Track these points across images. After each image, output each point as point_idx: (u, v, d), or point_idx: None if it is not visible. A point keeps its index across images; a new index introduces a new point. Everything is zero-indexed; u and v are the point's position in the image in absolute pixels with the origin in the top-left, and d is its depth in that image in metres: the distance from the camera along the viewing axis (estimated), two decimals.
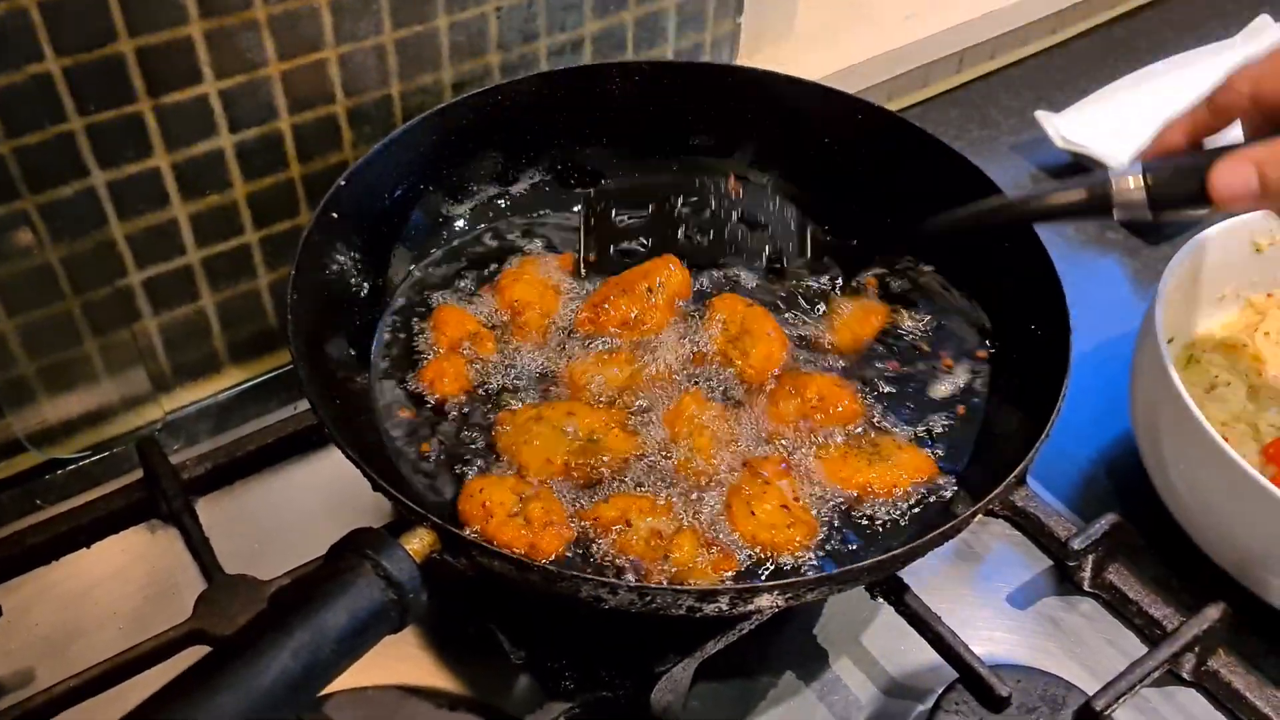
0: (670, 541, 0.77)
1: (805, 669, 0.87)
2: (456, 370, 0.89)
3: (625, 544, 0.77)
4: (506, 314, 0.94)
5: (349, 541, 0.65)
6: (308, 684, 0.61)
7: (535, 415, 0.85)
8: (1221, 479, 0.85)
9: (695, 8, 1.15)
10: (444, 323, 0.92)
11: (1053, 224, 0.89)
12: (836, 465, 0.84)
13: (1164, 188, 0.77)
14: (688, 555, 0.76)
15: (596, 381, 0.88)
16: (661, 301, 0.94)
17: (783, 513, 0.80)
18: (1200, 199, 0.75)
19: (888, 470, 0.83)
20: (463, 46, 1.01)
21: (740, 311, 0.93)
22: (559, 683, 0.79)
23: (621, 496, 0.80)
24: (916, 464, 0.84)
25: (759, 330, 0.92)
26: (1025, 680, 0.81)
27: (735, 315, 0.93)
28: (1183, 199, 0.77)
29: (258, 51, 0.89)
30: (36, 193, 0.85)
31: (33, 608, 0.88)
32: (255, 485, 0.97)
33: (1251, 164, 0.72)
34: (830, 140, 1.05)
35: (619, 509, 0.79)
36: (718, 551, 0.77)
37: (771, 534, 0.78)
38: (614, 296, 0.94)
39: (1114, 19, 1.62)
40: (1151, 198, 0.77)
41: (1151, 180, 0.77)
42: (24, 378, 0.92)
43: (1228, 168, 0.73)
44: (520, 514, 0.77)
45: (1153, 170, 0.77)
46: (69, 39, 0.81)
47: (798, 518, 0.80)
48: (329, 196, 0.88)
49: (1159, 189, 0.77)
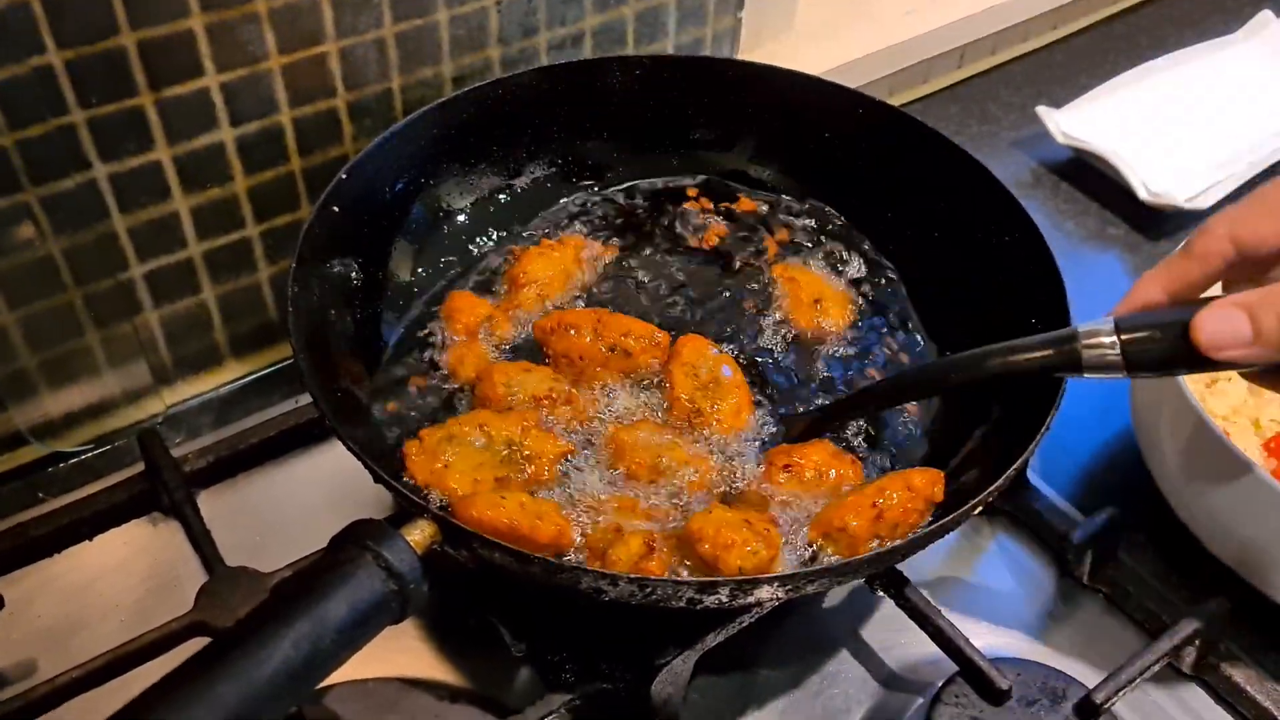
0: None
1: (805, 662, 0.87)
2: (478, 354, 0.89)
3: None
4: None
5: (350, 532, 0.65)
6: (308, 674, 0.61)
7: (445, 435, 0.81)
8: (1222, 473, 0.85)
9: (696, 2, 1.15)
10: (458, 310, 0.92)
11: (1015, 378, 0.78)
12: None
13: (1142, 347, 0.69)
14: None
15: (514, 390, 0.85)
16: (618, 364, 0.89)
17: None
18: (1185, 359, 0.67)
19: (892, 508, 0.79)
20: (463, 40, 1.01)
21: (708, 358, 0.89)
22: (559, 675, 0.79)
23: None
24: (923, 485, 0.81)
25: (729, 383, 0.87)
26: (1025, 673, 0.81)
27: (704, 360, 0.89)
28: (1164, 359, 0.69)
29: (259, 45, 0.89)
30: (38, 185, 0.85)
31: (35, 599, 0.88)
32: (257, 478, 0.97)
33: (1242, 310, 0.65)
34: (831, 135, 1.05)
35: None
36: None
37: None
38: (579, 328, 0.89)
39: (1115, 15, 1.61)
40: (1128, 359, 0.69)
41: (1126, 339, 0.69)
42: (26, 370, 0.92)
43: (1214, 315, 0.65)
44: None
45: (1128, 328, 0.70)
46: (71, 32, 0.81)
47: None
48: (329, 190, 0.88)
49: (1136, 350, 0.69)
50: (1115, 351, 0.69)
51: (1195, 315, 0.66)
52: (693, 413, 0.86)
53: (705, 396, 0.86)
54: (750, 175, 1.08)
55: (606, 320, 0.90)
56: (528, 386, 0.85)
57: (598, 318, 0.90)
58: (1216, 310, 0.65)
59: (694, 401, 0.86)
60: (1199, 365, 0.67)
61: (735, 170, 1.09)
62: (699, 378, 0.88)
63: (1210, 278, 0.71)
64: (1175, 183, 1.27)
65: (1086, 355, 0.70)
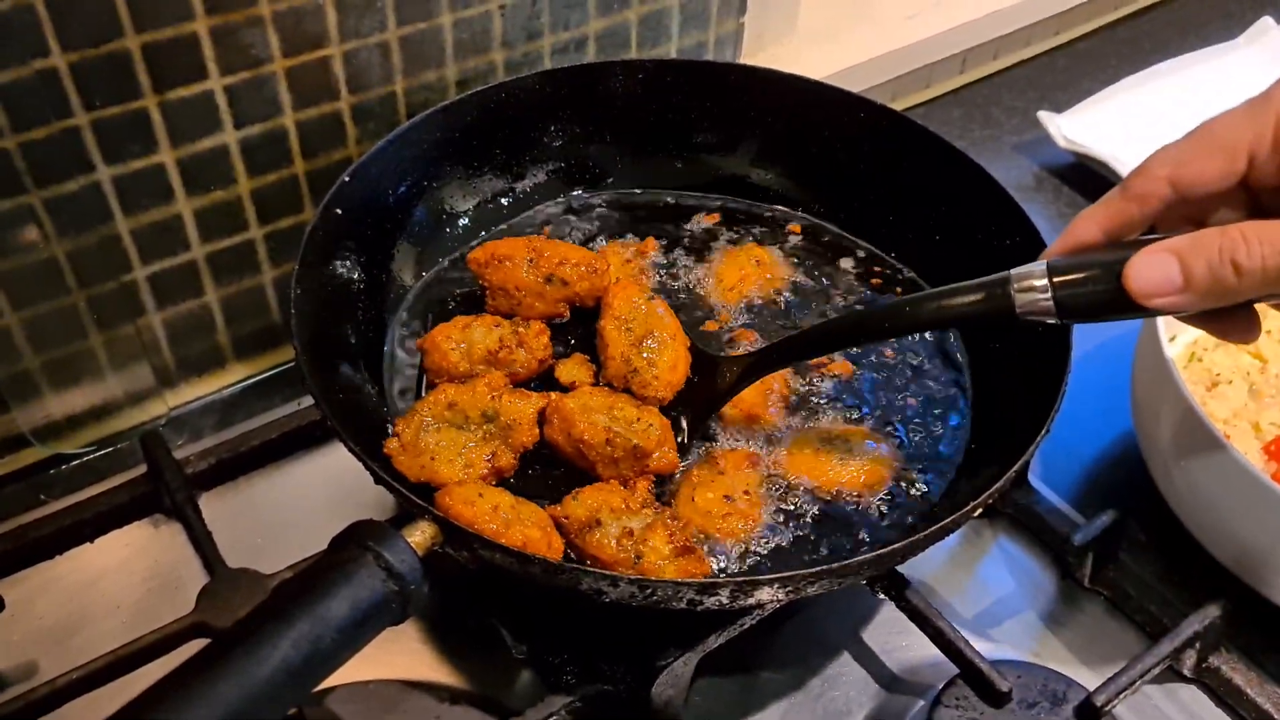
0: (641, 541, 0.76)
1: (807, 664, 0.87)
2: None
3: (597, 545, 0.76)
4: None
5: (351, 533, 0.66)
6: (308, 674, 0.61)
7: (418, 423, 0.81)
8: (1223, 476, 0.85)
9: (698, 6, 1.15)
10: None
11: (949, 328, 0.80)
12: (808, 461, 0.84)
13: (1074, 291, 0.67)
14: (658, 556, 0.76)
15: (465, 351, 0.84)
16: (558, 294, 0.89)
17: (723, 502, 0.81)
18: (1117, 303, 0.65)
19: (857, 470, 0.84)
20: (467, 44, 1.01)
21: (641, 308, 0.88)
22: (560, 677, 0.79)
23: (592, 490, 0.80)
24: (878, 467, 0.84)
25: (663, 332, 0.86)
26: (1026, 676, 0.81)
27: (636, 313, 0.87)
28: (1097, 304, 0.67)
29: (262, 48, 0.90)
30: (42, 187, 0.85)
31: (37, 600, 0.88)
32: (258, 480, 0.97)
33: (1172, 255, 0.63)
34: (833, 139, 1.05)
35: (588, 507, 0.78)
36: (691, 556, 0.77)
37: (706, 520, 0.80)
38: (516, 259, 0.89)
39: (1117, 20, 1.62)
40: (1060, 305, 0.67)
41: (1059, 282, 0.67)
42: (29, 372, 0.92)
43: (1146, 261, 0.64)
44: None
45: (1060, 270, 0.67)
46: (75, 34, 0.81)
47: (737, 509, 0.81)
48: (333, 193, 0.88)
49: (1068, 295, 0.67)
50: (1047, 296, 0.67)
51: (1128, 262, 0.64)
52: (629, 372, 0.85)
53: (639, 354, 0.85)
54: (752, 179, 1.09)
55: (541, 248, 0.88)
56: (475, 342, 0.85)
57: (531, 245, 0.88)
58: (1148, 257, 0.64)
59: (629, 361, 0.85)
60: (1132, 311, 0.65)
61: (737, 174, 1.09)
62: (632, 332, 0.86)
63: (1148, 218, 0.69)
64: None
65: (1019, 300, 0.69)
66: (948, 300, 0.74)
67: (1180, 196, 0.67)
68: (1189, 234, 0.63)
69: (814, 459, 0.85)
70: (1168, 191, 0.67)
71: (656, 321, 0.87)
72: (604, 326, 0.87)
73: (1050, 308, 0.68)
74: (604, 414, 0.81)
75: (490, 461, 0.81)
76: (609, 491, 0.80)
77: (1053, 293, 0.67)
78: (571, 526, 0.78)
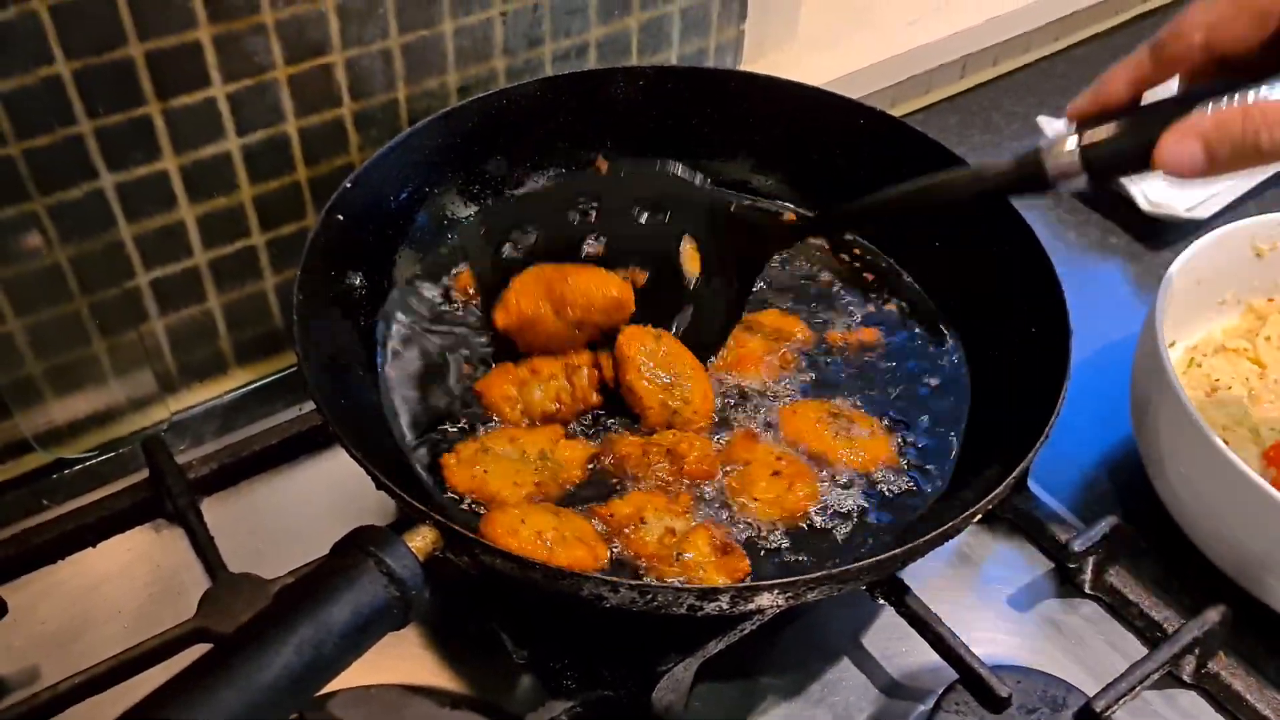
0: (684, 540, 0.79)
1: (807, 669, 0.87)
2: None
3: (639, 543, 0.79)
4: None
5: (352, 538, 0.66)
6: (310, 679, 0.61)
7: (479, 448, 0.84)
8: (1222, 482, 0.85)
9: (699, 14, 1.16)
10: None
11: (990, 199, 0.85)
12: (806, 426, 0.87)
13: (1103, 153, 0.72)
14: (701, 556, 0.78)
15: (516, 409, 0.88)
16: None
17: (775, 480, 0.83)
18: (1141, 164, 0.71)
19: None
20: (468, 51, 1.01)
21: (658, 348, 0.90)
22: (561, 682, 0.79)
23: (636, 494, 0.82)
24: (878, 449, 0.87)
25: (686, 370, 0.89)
26: (1025, 681, 0.81)
27: (653, 358, 0.89)
28: (1123, 164, 0.73)
29: (265, 55, 0.90)
30: (46, 194, 0.86)
31: (39, 605, 0.88)
32: (260, 485, 0.97)
33: (1199, 139, 0.68)
34: (833, 145, 1.05)
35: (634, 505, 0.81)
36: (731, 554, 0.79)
37: (781, 505, 0.82)
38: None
39: (1116, 26, 1.62)
40: (1088, 163, 0.73)
41: (1087, 142, 0.72)
42: (32, 378, 0.93)
43: (1175, 145, 0.69)
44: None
45: (1089, 131, 0.73)
46: (79, 42, 0.82)
47: (790, 473, 0.83)
48: (335, 199, 0.89)
49: (1097, 154, 0.72)
50: (1075, 159, 0.73)
51: (1157, 144, 0.69)
52: (670, 416, 0.87)
53: (673, 397, 0.88)
54: (753, 185, 1.09)
55: (559, 289, 0.89)
56: (534, 404, 0.88)
57: (549, 289, 0.89)
58: (1177, 142, 0.68)
59: (667, 406, 0.87)
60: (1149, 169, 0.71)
61: (738, 179, 1.09)
62: (659, 379, 0.88)
63: (1177, 76, 0.74)
64: (1175, 193, 1.28)
65: (1051, 163, 0.74)
66: (985, 171, 0.81)
67: (1210, 58, 0.72)
68: (1213, 116, 0.68)
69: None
70: (1200, 55, 0.72)
71: (675, 359, 0.89)
72: (631, 381, 0.88)
73: (1078, 167, 0.73)
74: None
75: (538, 487, 0.83)
76: (654, 495, 0.82)
77: (1082, 154, 0.72)
78: (616, 524, 0.79)
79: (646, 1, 1.10)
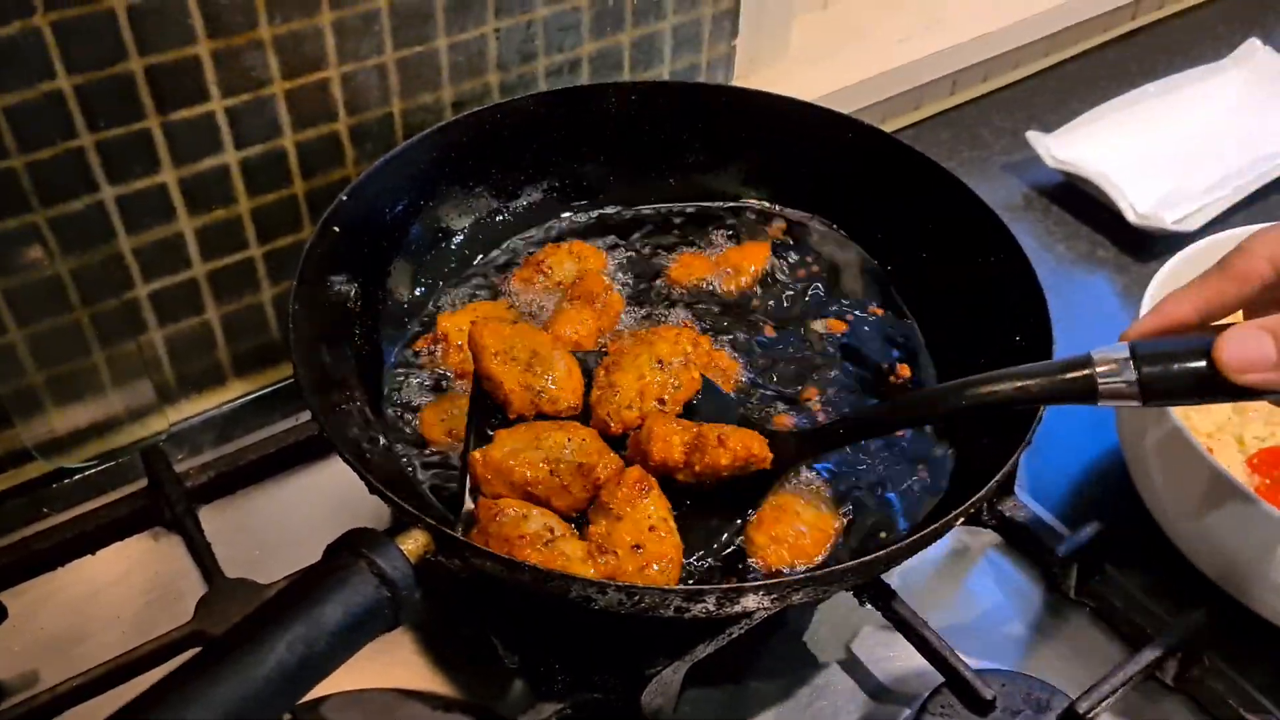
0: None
1: (795, 674, 0.88)
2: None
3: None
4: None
5: (345, 540, 0.67)
6: (302, 678, 0.62)
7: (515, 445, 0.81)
8: (1206, 489, 0.86)
9: (691, 30, 1.17)
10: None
11: (1027, 407, 0.77)
12: None
13: (1160, 371, 0.66)
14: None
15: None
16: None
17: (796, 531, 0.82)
18: (1206, 384, 0.64)
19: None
20: (462, 66, 1.03)
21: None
22: (551, 685, 0.80)
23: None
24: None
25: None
26: (1010, 684, 0.82)
27: (509, 342, 0.86)
28: (1184, 385, 0.65)
29: (263, 70, 0.92)
30: (47, 206, 0.87)
31: (38, 611, 0.90)
32: (257, 494, 0.98)
33: (1267, 332, 0.63)
34: (823, 159, 1.07)
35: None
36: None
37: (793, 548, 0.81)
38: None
39: (1106, 42, 1.64)
40: (1145, 385, 0.66)
41: (1144, 360, 0.66)
42: (32, 388, 0.94)
43: (1239, 336, 0.64)
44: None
45: (1146, 356, 0.66)
46: (80, 57, 0.83)
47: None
48: (331, 211, 0.90)
49: (1154, 373, 0.66)
50: (1132, 378, 0.66)
51: (1218, 337, 0.64)
52: (535, 396, 0.85)
53: (535, 376, 0.85)
54: (744, 199, 1.10)
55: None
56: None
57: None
58: (1241, 332, 0.64)
59: (530, 386, 0.85)
60: (1221, 393, 0.65)
61: (729, 193, 1.11)
62: (517, 360, 0.85)
63: (1244, 299, 0.69)
64: (1163, 206, 1.29)
65: (1103, 383, 0.67)
66: (1026, 380, 0.72)
67: (1278, 276, 0.68)
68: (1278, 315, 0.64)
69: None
70: (1269, 271, 0.68)
71: (531, 339, 0.87)
72: (488, 368, 0.84)
73: (1135, 391, 0.66)
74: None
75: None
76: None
77: (1138, 374, 0.66)
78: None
79: (639, 18, 1.12)
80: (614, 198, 1.10)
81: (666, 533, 0.78)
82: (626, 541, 0.77)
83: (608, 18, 1.10)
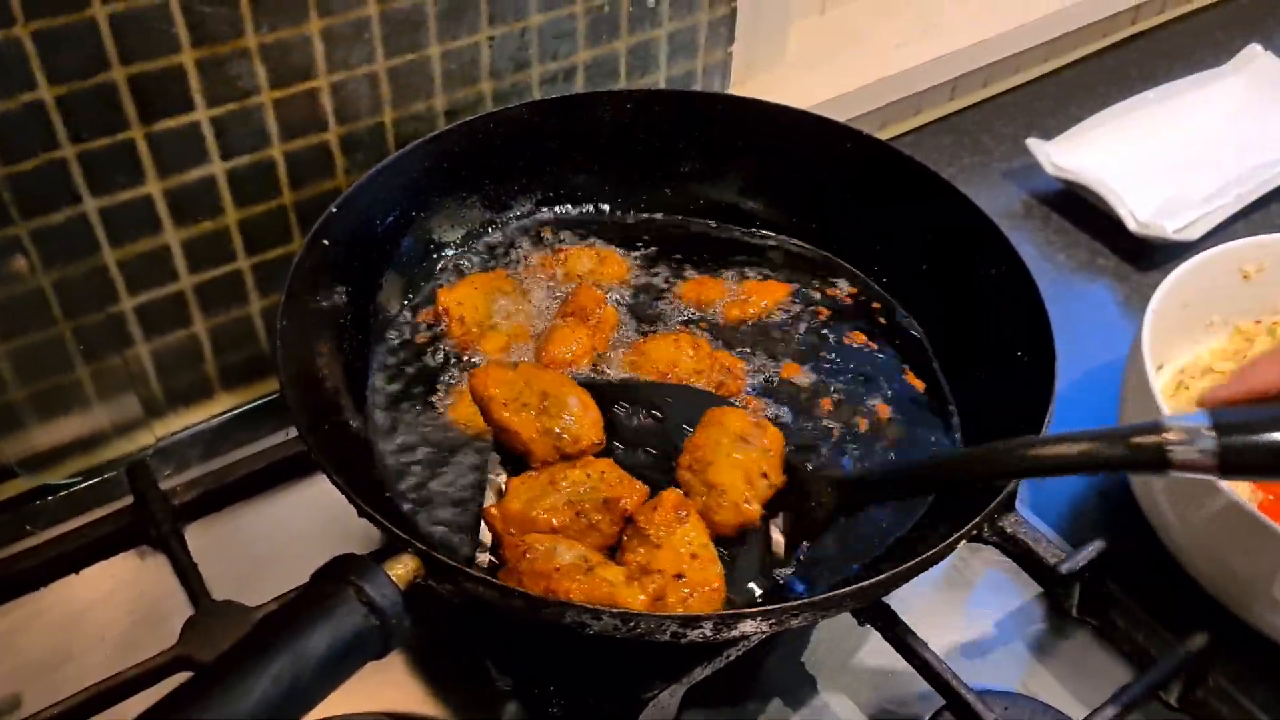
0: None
1: (794, 696, 0.87)
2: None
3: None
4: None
5: (332, 567, 0.65)
6: (288, 709, 0.60)
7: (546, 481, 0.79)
8: (1210, 506, 0.85)
9: (687, 36, 1.16)
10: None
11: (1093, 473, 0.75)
12: None
13: (1242, 444, 0.61)
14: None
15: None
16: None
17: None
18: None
19: None
20: (455, 75, 1.01)
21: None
22: (546, 708, 0.79)
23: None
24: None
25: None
26: (1012, 707, 0.81)
27: (516, 387, 0.83)
28: (1270, 462, 0.61)
29: (249, 79, 0.90)
30: (29, 219, 0.86)
31: (21, 632, 0.88)
32: (245, 511, 0.97)
33: None
34: (820, 168, 1.06)
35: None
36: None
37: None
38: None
39: (1106, 48, 1.63)
40: (1224, 458, 0.61)
41: (1225, 435, 0.61)
42: (15, 403, 0.92)
43: None
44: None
45: (1228, 423, 0.62)
46: (62, 67, 0.82)
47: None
48: (320, 223, 0.88)
49: (1236, 448, 0.61)
50: (1210, 449, 0.61)
51: None
52: (555, 440, 0.82)
53: (551, 419, 0.82)
54: (740, 208, 1.09)
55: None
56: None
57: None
58: None
59: (549, 431, 0.82)
60: None
61: (725, 202, 1.09)
62: (529, 406, 0.82)
63: None
64: (1164, 214, 1.28)
65: (1176, 453, 0.63)
66: (1093, 444, 0.67)
67: None
68: None
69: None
70: None
71: (537, 379, 0.84)
72: (502, 418, 0.81)
73: (1213, 462, 0.62)
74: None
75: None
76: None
77: (1217, 444, 0.61)
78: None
79: (634, 25, 1.10)
80: (609, 205, 1.08)
81: (709, 560, 0.75)
82: (668, 571, 0.74)
83: (603, 25, 1.08)
